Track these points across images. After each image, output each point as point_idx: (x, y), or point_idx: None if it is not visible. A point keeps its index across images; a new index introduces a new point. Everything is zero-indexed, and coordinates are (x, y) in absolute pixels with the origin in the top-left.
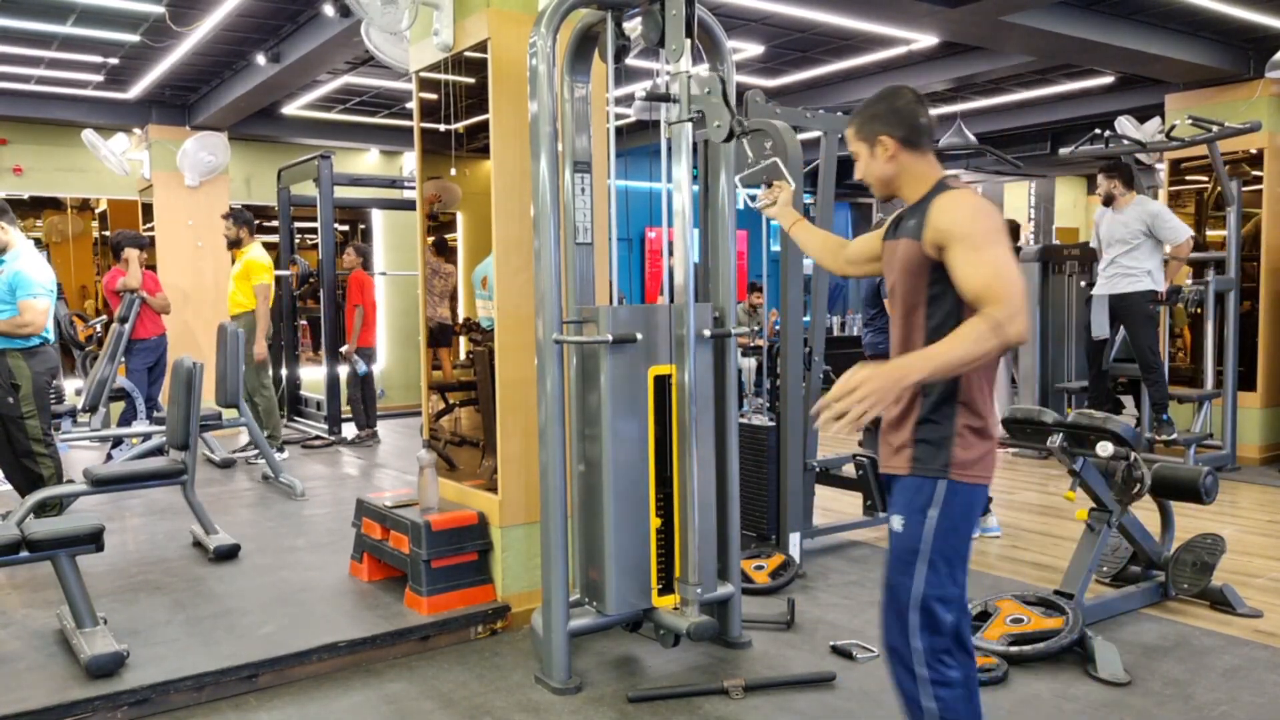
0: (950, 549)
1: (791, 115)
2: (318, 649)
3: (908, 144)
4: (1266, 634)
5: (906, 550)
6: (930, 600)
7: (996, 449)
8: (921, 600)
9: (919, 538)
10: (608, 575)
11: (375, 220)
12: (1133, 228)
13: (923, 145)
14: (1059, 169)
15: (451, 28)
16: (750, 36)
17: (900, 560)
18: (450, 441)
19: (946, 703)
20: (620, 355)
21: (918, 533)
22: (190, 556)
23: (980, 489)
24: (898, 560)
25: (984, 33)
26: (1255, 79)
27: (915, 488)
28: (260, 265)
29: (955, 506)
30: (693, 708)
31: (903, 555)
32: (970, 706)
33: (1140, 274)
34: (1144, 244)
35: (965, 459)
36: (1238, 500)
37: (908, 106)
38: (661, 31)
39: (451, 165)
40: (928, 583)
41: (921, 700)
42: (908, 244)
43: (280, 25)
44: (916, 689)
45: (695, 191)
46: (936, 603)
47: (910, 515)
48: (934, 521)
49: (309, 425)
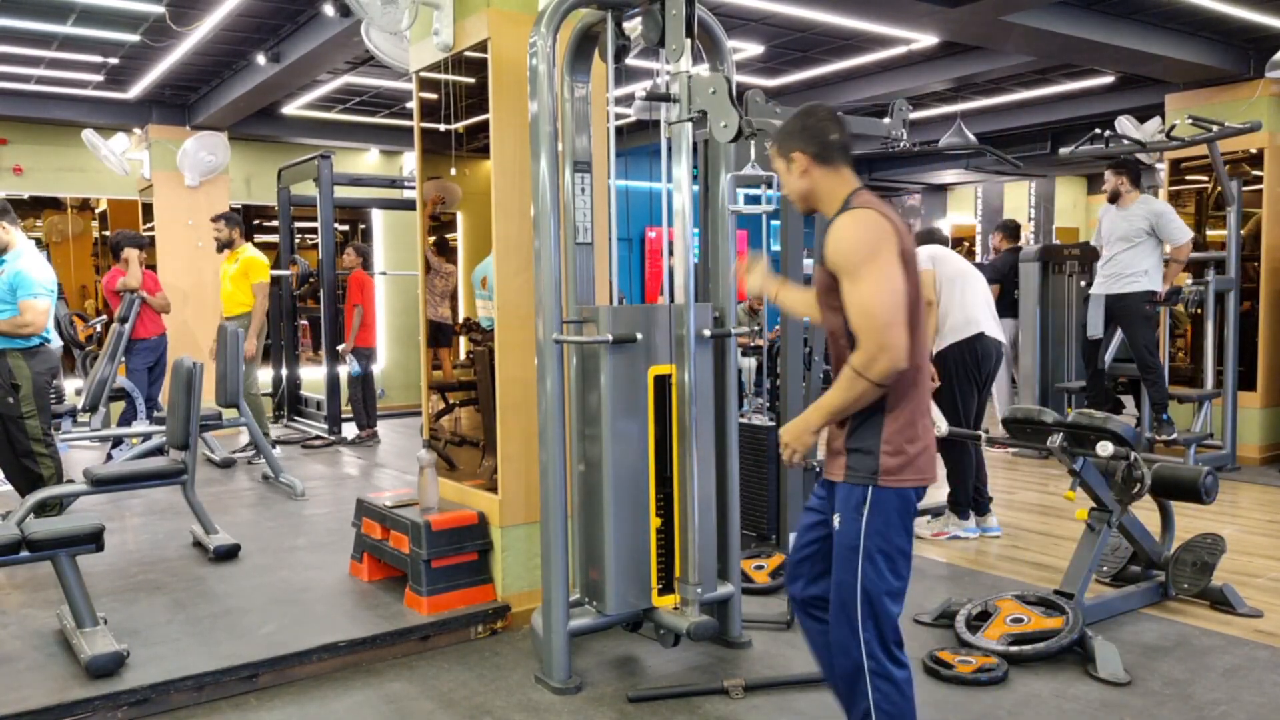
0: (887, 545)
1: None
2: (318, 649)
3: (820, 160)
4: (1267, 634)
5: (846, 548)
6: (872, 593)
7: (933, 451)
8: (864, 593)
9: (856, 535)
10: (608, 575)
11: (375, 220)
12: (1136, 225)
13: (834, 161)
14: (1059, 169)
15: (451, 27)
16: (750, 36)
17: (841, 557)
18: (450, 441)
19: (885, 694)
20: (620, 355)
21: (855, 530)
22: (190, 556)
23: (909, 492)
24: (839, 556)
25: (984, 33)
26: (1255, 79)
27: (848, 492)
28: (261, 264)
29: (886, 509)
30: (693, 708)
31: (843, 553)
32: (907, 703)
33: (1138, 274)
34: (1145, 242)
35: (891, 465)
36: (1238, 500)
37: (819, 124)
38: (661, 31)
39: (451, 165)
40: (866, 576)
41: (864, 691)
42: (819, 269)
43: (280, 25)
44: (858, 682)
45: (695, 191)
46: (880, 596)
47: (846, 514)
48: (866, 521)
49: (309, 425)
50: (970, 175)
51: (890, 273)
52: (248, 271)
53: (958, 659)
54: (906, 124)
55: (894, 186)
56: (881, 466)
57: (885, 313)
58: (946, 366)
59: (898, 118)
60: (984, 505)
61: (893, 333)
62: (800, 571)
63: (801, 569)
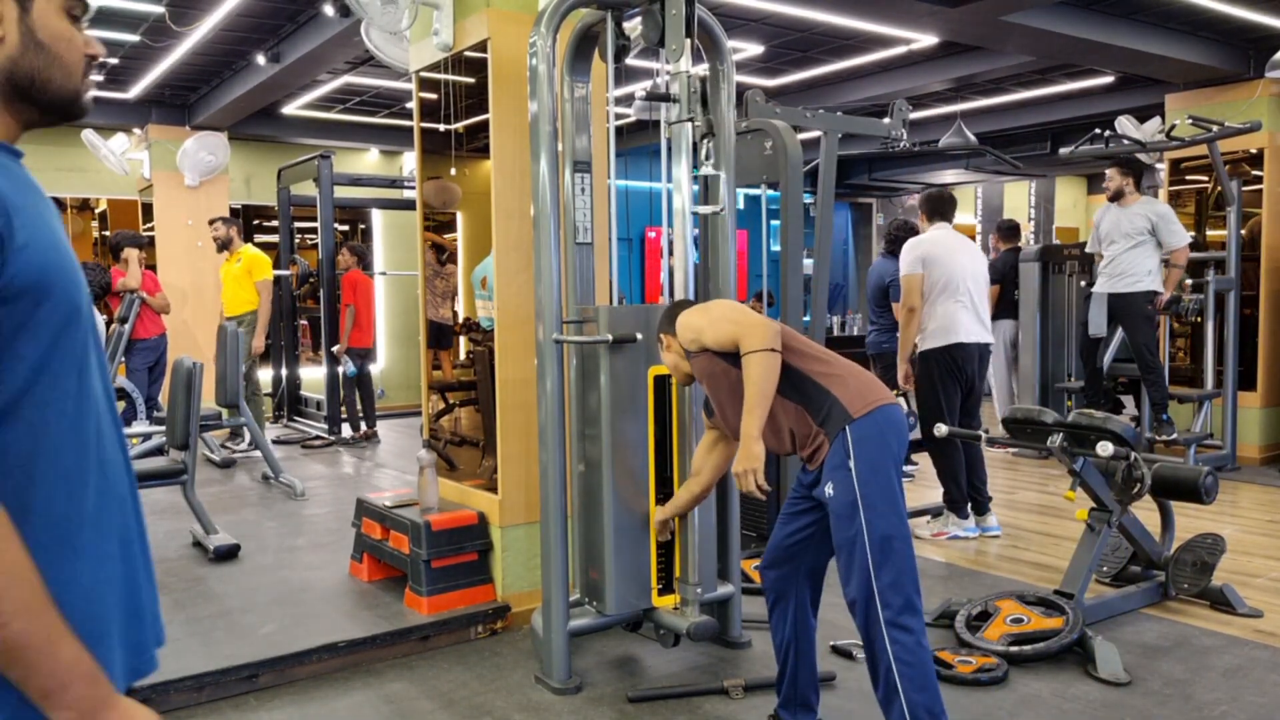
0: (881, 486)
1: (791, 115)
2: (318, 649)
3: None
4: (1267, 634)
5: (846, 505)
6: (882, 538)
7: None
8: (871, 541)
9: (851, 489)
10: (608, 575)
11: (375, 220)
12: (1138, 224)
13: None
14: (1059, 169)
15: (451, 27)
16: (750, 36)
17: (843, 518)
18: (450, 441)
19: (904, 645)
20: (620, 355)
21: (849, 485)
22: (190, 556)
23: (879, 412)
24: (841, 520)
25: (984, 33)
26: (1255, 79)
27: (833, 453)
28: (264, 261)
29: (867, 443)
30: (693, 708)
31: (843, 512)
32: (925, 653)
33: (1141, 274)
34: (1146, 243)
35: (849, 398)
36: (1238, 500)
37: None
38: (661, 31)
39: (451, 165)
40: (871, 525)
41: (884, 647)
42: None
43: (280, 25)
44: (876, 639)
45: (695, 191)
46: (890, 539)
47: (836, 475)
48: (856, 469)
49: (309, 425)
50: (970, 175)
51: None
52: (251, 269)
53: (958, 659)
54: (906, 124)
55: (894, 186)
56: (848, 406)
57: (738, 312)
58: (928, 367)
59: (898, 118)
60: (983, 505)
61: (753, 315)
62: (779, 558)
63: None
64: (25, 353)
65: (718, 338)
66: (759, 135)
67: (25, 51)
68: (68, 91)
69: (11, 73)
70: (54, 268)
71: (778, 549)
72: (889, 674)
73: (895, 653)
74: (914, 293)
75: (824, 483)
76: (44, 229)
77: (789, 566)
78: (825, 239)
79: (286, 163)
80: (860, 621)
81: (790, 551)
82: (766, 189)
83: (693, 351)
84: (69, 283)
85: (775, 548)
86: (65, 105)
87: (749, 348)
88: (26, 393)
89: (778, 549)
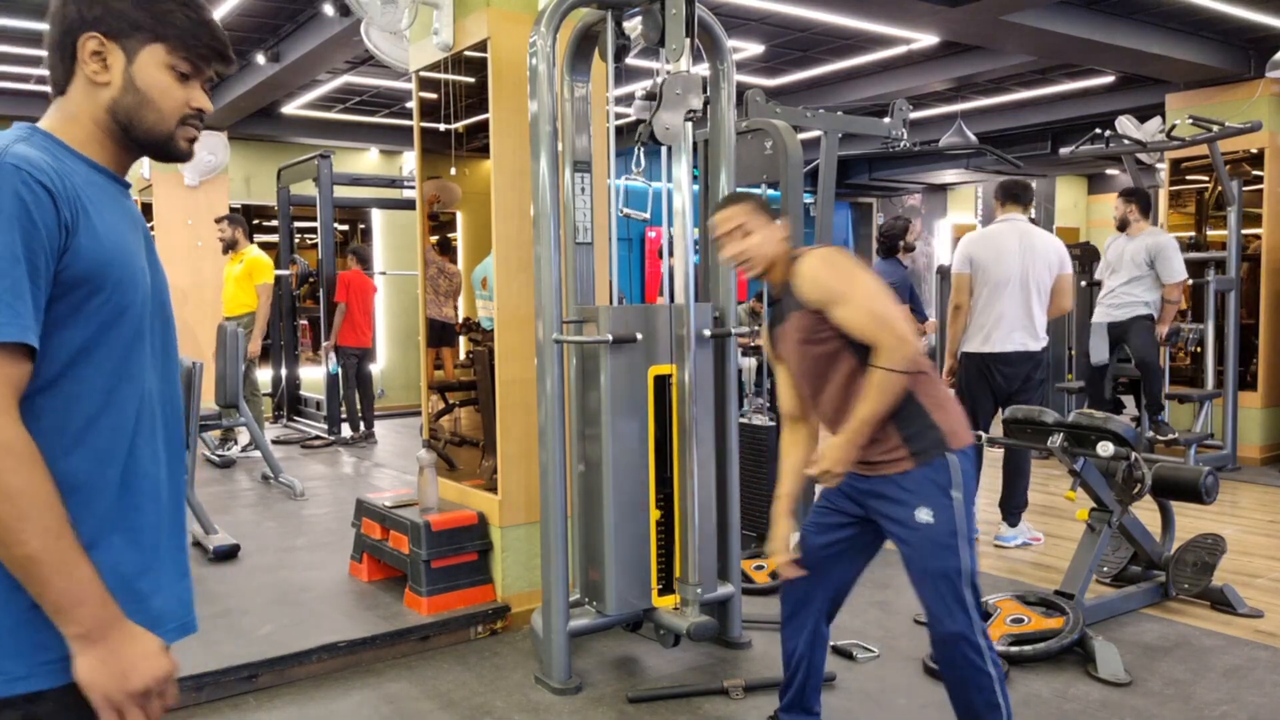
0: (969, 524)
1: (791, 115)
2: (318, 649)
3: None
4: (1267, 634)
5: (946, 534)
6: (972, 574)
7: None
8: (967, 575)
9: (953, 519)
10: (608, 575)
11: (375, 220)
12: (1139, 259)
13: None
14: (1059, 169)
15: (451, 27)
16: (750, 36)
17: (942, 547)
18: (450, 441)
19: (999, 665)
20: (620, 355)
21: (950, 515)
22: (190, 556)
23: (971, 449)
24: (939, 548)
25: (984, 32)
26: (1256, 79)
27: (926, 477)
28: (266, 265)
29: (968, 478)
30: (693, 708)
31: (943, 540)
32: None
33: (1139, 304)
34: (1145, 277)
35: (951, 428)
36: (1238, 500)
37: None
38: (661, 31)
39: (451, 165)
40: (967, 558)
41: (987, 670)
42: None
43: (280, 25)
44: (981, 665)
45: (695, 191)
46: (974, 575)
47: (937, 502)
48: (959, 500)
49: (309, 425)
50: (970, 175)
51: (873, 282)
52: (252, 272)
53: None
54: (906, 124)
55: (894, 186)
56: (948, 435)
57: (888, 310)
58: (964, 368)
59: (898, 117)
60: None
61: (901, 323)
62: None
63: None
64: (72, 336)
65: (850, 321)
66: (759, 135)
67: (124, 94)
68: (159, 133)
69: (113, 110)
70: (111, 269)
71: (808, 559)
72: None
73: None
74: (959, 290)
75: (910, 505)
76: (113, 237)
77: (816, 578)
78: (825, 239)
79: (286, 162)
80: (949, 654)
81: (822, 563)
82: (767, 189)
83: (800, 302)
84: (125, 287)
85: (805, 557)
86: (157, 145)
87: (886, 362)
88: (69, 369)
89: (808, 559)
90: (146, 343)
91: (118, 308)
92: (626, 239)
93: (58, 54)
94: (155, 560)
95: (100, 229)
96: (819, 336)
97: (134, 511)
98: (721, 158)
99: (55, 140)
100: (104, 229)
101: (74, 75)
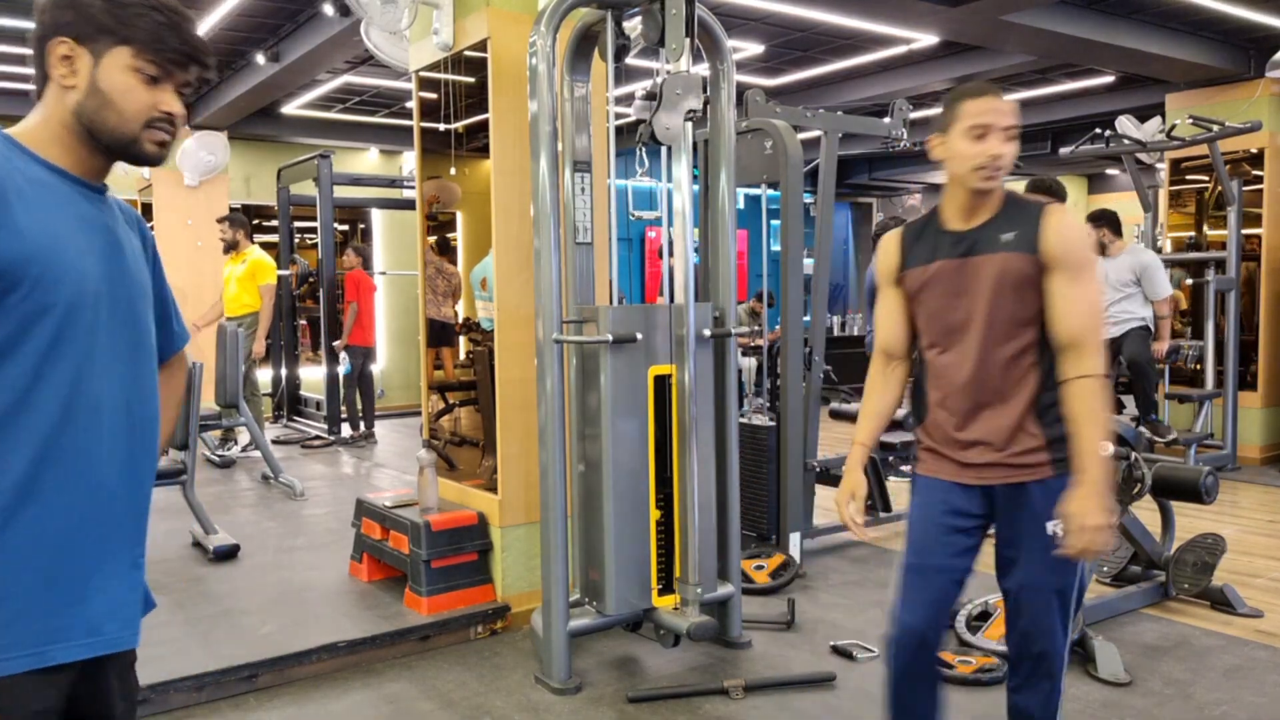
0: None
1: (792, 115)
2: (317, 649)
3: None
4: (1267, 634)
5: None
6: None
7: None
8: (1081, 593)
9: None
10: (608, 575)
11: (375, 220)
12: (1125, 276)
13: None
14: (1059, 169)
15: (451, 27)
16: (750, 36)
17: (1064, 563)
18: (450, 441)
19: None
20: (620, 355)
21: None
22: (190, 556)
23: None
24: (1061, 564)
25: (984, 32)
26: (1256, 78)
27: (1062, 487)
28: (268, 266)
29: None
30: (693, 708)
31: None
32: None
33: (1134, 318)
34: (1136, 294)
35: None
36: (1238, 500)
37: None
38: (661, 31)
39: (451, 165)
40: (1085, 576)
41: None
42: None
43: (280, 25)
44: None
45: (695, 191)
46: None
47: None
48: None
49: (308, 425)
50: None
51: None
52: (255, 273)
53: (958, 659)
54: (906, 124)
55: (894, 186)
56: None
57: (1098, 313)
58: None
59: (898, 117)
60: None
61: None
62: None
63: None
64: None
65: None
66: (759, 135)
67: (88, 97)
68: (122, 135)
69: (78, 113)
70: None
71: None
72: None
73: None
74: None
75: (1046, 516)
76: (41, 235)
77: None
78: (825, 239)
79: (286, 162)
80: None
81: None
82: (766, 189)
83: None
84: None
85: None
86: (122, 147)
87: (1095, 370)
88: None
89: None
90: (97, 347)
91: (39, 306)
92: (626, 239)
93: (36, 59)
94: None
95: (24, 225)
96: (1022, 295)
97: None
98: (721, 158)
99: (11, 142)
100: (30, 226)
101: (49, 79)
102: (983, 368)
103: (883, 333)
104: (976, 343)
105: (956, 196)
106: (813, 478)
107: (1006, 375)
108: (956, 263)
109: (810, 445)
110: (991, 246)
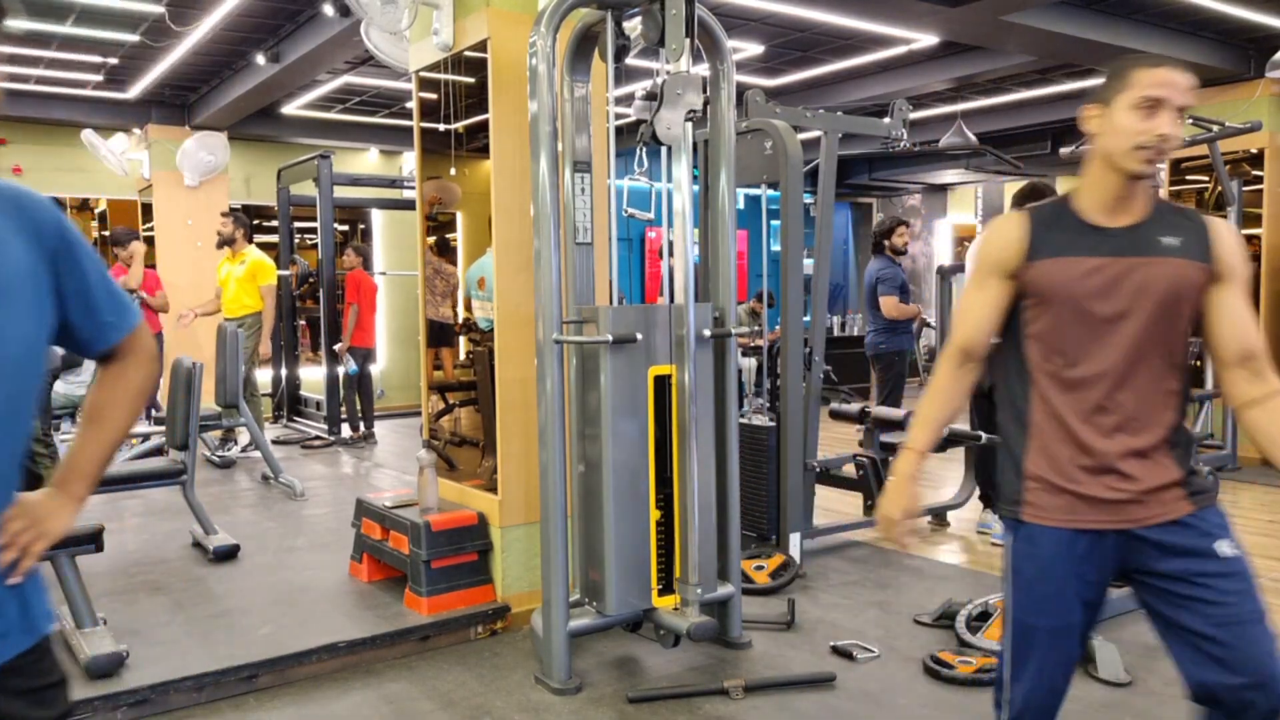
0: None
1: (791, 115)
2: (317, 649)
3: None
4: None
5: (1249, 576)
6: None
7: None
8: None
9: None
10: (608, 575)
11: (375, 220)
12: None
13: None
14: (1059, 169)
15: (451, 27)
16: (750, 36)
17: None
18: (450, 441)
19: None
20: (620, 355)
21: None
22: (190, 557)
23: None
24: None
25: (984, 32)
26: (1256, 79)
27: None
28: (268, 266)
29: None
30: (693, 708)
31: (1249, 574)
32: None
33: None
34: None
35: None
36: (1238, 500)
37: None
38: (661, 31)
39: (451, 165)
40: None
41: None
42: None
43: (280, 25)
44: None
45: (695, 191)
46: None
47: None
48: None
49: (308, 425)
50: (970, 175)
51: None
52: (255, 274)
53: (958, 659)
54: (906, 124)
55: (894, 186)
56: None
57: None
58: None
59: (898, 118)
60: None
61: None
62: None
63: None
64: None
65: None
66: (759, 135)
67: None
68: None
69: None
70: None
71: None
72: None
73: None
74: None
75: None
76: None
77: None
78: (825, 239)
79: (286, 163)
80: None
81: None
82: (766, 189)
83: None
84: None
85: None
86: None
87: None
88: None
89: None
90: None
91: None
92: (626, 239)
93: None
94: None
95: None
96: (1185, 309)
97: None
98: (721, 158)
99: None
100: None
101: None
102: (1128, 387)
103: (968, 328)
104: (1125, 357)
105: (1103, 183)
106: (813, 478)
107: (1151, 398)
108: (1111, 262)
109: (810, 445)
110: (1154, 250)
